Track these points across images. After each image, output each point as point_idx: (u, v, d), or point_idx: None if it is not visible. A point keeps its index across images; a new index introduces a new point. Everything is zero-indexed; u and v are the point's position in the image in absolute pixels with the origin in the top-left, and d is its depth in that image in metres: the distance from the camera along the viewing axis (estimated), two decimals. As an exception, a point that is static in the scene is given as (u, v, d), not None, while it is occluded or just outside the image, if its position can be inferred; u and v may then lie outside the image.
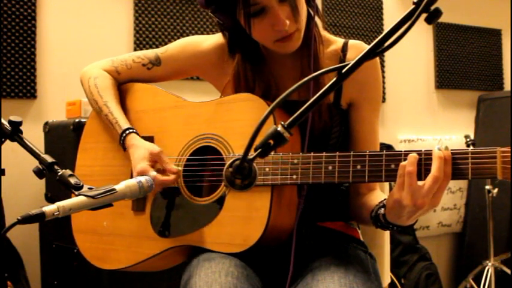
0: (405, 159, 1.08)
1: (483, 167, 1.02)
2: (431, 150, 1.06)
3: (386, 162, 1.11)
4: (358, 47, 1.37)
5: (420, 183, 1.05)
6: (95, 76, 1.49)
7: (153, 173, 1.29)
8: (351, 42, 1.38)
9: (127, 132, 1.39)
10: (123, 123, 1.41)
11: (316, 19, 1.34)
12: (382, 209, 1.17)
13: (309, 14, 1.31)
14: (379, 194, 1.36)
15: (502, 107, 3.69)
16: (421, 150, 1.08)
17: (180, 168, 1.34)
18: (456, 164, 1.05)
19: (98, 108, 1.46)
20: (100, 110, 1.46)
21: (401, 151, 1.10)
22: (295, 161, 1.19)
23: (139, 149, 1.35)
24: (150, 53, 1.50)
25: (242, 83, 1.36)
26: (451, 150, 1.06)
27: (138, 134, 1.40)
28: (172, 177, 1.32)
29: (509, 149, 1.00)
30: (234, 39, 1.36)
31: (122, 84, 1.53)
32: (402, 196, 1.06)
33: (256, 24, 1.24)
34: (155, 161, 1.34)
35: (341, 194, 1.42)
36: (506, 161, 1.00)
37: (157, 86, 1.50)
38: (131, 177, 1.33)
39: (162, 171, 1.33)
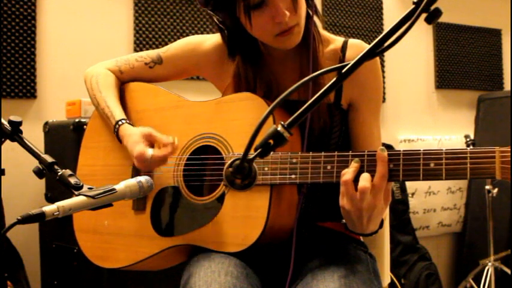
0: (404, 159, 1.08)
1: (482, 167, 1.02)
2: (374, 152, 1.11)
3: None
4: (357, 46, 1.36)
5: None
6: (98, 74, 1.50)
7: (150, 151, 1.29)
8: (351, 41, 1.38)
9: (120, 123, 1.39)
10: (118, 115, 1.41)
11: (315, 19, 1.34)
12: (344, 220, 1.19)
13: (307, 13, 1.31)
14: None
15: (502, 107, 3.69)
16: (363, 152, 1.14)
17: (175, 138, 1.32)
18: (454, 164, 1.04)
19: (96, 102, 1.47)
20: (98, 104, 1.46)
21: (399, 150, 1.10)
22: (294, 160, 1.19)
23: (132, 136, 1.35)
24: (152, 53, 1.51)
25: (243, 84, 1.36)
26: (450, 149, 1.06)
27: (131, 125, 1.40)
28: (169, 148, 1.30)
29: (508, 149, 0.99)
30: (233, 39, 1.36)
31: (125, 83, 1.53)
32: (344, 203, 1.12)
33: (256, 17, 1.24)
34: (150, 141, 1.33)
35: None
36: (505, 161, 0.99)
37: (159, 86, 1.50)
38: (132, 176, 1.33)
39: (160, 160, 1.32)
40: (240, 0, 1.23)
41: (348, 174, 1.11)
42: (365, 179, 1.09)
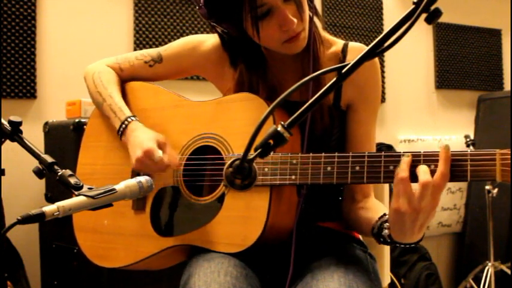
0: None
1: (482, 169, 1.01)
2: (431, 152, 1.06)
3: (385, 164, 1.10)
4: (358, 50, 1.36)
5: (415, 185, 1.03)
6: (99, 71, 1.50)
7: (160, 152, 1.27)
8: (351, 44, 1.37)
9: (131, 118, 1.38)
10: (127, 111, 1.40)
11: (316, 20, 1.34)
12: (386, 230, 1.14)
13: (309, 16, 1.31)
14: (374, 203, 1.35)
15: (502, 107, 3.69)
16: (420, 152, 1.07)
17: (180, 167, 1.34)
18: (455, 166, 1.04)
19: (101, 99, 1.45)
20: (103, 101, 1.44)
21: (400, 152, 1.09)
22: (294, 161, 1.19)
23: (146, 133, 1.33)
24: (152, 51, 1.51)
25: (246, 90, 1.36)
26: (450, 152, 1.05)
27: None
28: (175, 161, 1.31)
29: (509, 152, 0.99)
30: (236, 48, 1.36)
31: (125, 81, 1.53)
32: (400, 203, 1.03)
33: (264, 26, 1.24)
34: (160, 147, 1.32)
35: (341, 194, 1.42)
36: (505, 164, 0.99)
37: (159, 85, 1.50)
38: (132, 176, 1.33)
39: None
40: (247, 12, 1.22)
41: (403, 171, 1.03)
42: (426, 172, 1.02)
